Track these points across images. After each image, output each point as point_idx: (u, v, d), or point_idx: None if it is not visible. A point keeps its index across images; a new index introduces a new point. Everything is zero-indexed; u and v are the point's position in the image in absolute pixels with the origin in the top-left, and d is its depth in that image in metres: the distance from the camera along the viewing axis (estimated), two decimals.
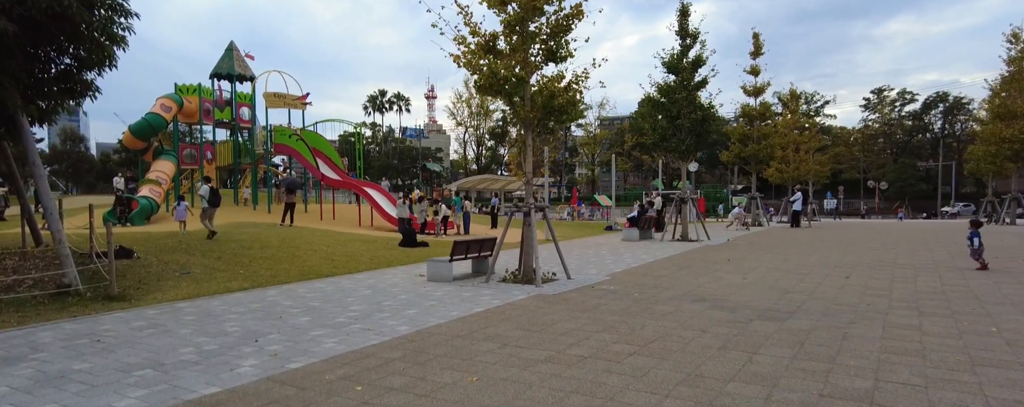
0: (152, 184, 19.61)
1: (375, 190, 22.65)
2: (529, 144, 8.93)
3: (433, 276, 9.53)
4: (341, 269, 11.31)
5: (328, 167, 23.67)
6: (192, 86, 22.32)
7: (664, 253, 13.53)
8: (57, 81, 8.87)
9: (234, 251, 12.62)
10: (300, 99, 25.09)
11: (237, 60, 24.37)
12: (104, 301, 7.84)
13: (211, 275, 10.10)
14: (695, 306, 6.94)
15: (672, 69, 15.37)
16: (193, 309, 7.41)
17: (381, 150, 70.16)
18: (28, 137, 8.07)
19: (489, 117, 67.26)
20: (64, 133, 65.54)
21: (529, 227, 9.04)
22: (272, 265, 11.41)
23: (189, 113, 22.29)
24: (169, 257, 11.49)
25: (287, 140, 23.41)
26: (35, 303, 7.51)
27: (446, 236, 18.86)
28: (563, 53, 8.88)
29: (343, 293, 8.49)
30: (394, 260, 12.73)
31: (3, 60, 7.04)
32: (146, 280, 9.45)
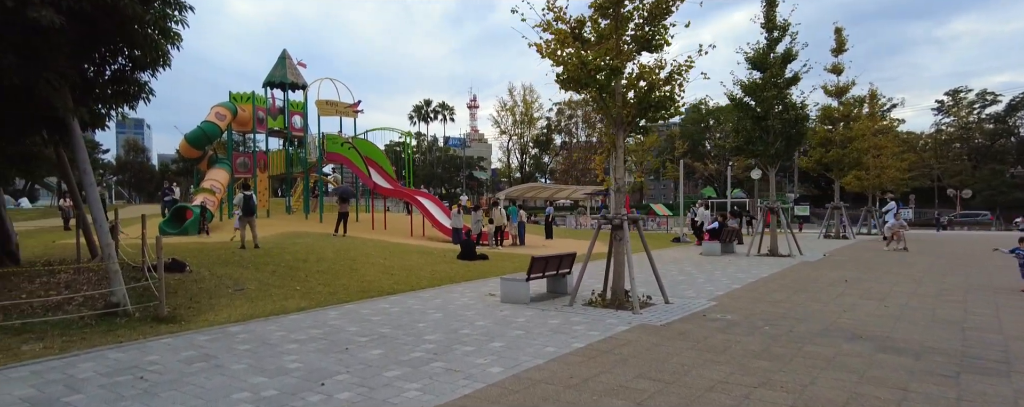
0: (206, 193, 19.38)
1: (427, 199, 21.85)
2: (620, 145, 7.71)
3: (508, 297, 8.40)
4: (402, 285, 10.35)
5: (380, 176, 23.07)
6: (246, 94, 22.18)
7: (760, 271, 11.97)
8: (111, 83, 8.30)
9: (288, 264, 11.90)
10: (351, 107, 24.67)
11: (289, 68, 24.18)
12: (153, 323, 7.08)
13: (266, 292, 9.31)
14: (857, 347, 5.53)
15: (758, 65, 13.84)
16: (247, 335, 6.52)
17: (425, 159, 70.23)
18: (79, 142, 7.44)
19: (533, 125, 66.34)
20: (128, 144, 68.59)
21: (620, 242, 7.80)
22: (329, 280, 10.57)
23: (243, 121, 22.12)
24: (222, 270, 10.84)
25: (339, 148, 22.95)
26: (82, 325, 6.81)
27: (502, 248, 17.78)
28: (659, 40, 7.65)
29: (412, 317, 7.46)
30: (456, 275, 11.71)
31: (51, 56, 6.39)
32: (198, 297, 8.72)
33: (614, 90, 7.50)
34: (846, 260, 13.85)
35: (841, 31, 21.05)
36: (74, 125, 7.35)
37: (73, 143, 7.39)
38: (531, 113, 64.45)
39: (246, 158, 22.75)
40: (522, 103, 63.71)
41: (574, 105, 64.49)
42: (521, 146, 67.02)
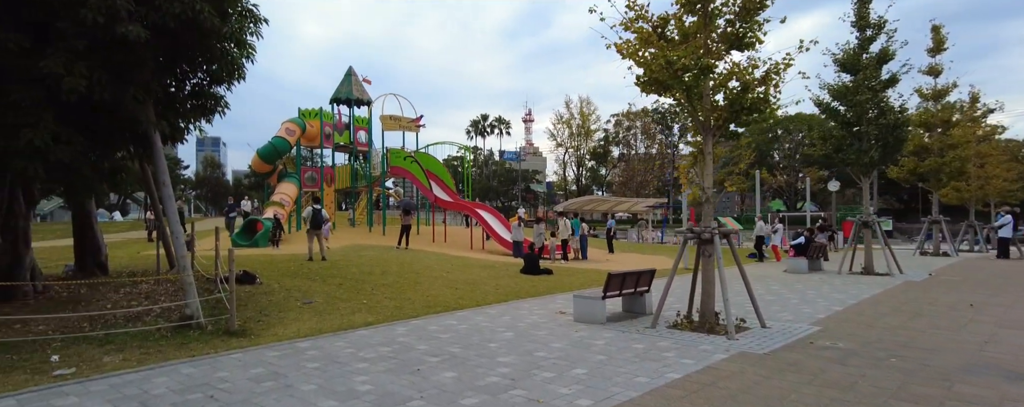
0: (276, 206, 19.96)
1: (488, 212, 21.61)
2: (709, 151, 7.02)
3: (582, 316, 7.82)
4: (468, 300, 9.98)
5: (441, 189, 23.11)
6: (314, 110, 22.87)
7: (860, 291, 10.75)
8: (190, 98, 8.48)
9: (355, 277, 11.83)
10: (414, 121, 24.98)
11: (355, 85, 24.81)
12: (224, 336, 7.00)
13: (333, 305, 9.18)
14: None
15: (848, 67, 12.67)
16: (316, 351, 6.29)
17: (482, 173, 70.71)
18: (160, 156, 7.58)
19: (590, 137, 65.44)
20: (206, 161, 73.22)
21: (710, 259, 7.07)
22: (395, 293, 10.36)
23: (311, 136, 22.80)
24: (291, 282, 10.88)
25: (402, 162, 23.20)
26: (158, 336, 6.81)
27: (566, 262, 17.17)
28: (751, 38, 6.96)
29: (481, 335, 7.03)
30: (521, 290, 11.23)
31: (135, 70, 6.49)
32: (267, 310, 8.68)
33: (702, 92, 6.85)
34: (959, 280, 12.30)
35: (939, 29, 19.19)
36: (156, 139, 7.49)
37: (154, 156, 7.53)
38: (588, 125, 63.66)
39: (313, 172, 23.39)
40: (579, 115, 63.09)
41: (633, 116, 63.19)
42: (577, 158, 66.22)
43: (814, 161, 49.17)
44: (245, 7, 7.54)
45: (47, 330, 6.80)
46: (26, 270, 8.52)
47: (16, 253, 8.34)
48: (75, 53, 5.94)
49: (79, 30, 5.80)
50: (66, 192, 7.92)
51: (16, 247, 8.34)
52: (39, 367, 5.57)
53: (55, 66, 5.73)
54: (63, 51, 5.88)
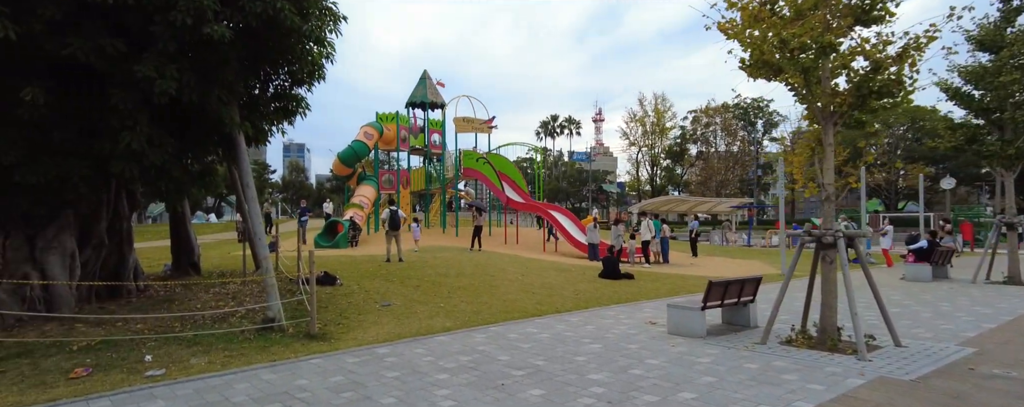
0: (356, 208, 20.44)
1: (561, 213, 21.02)
2: (829, 142, 6.08)
3: (677, 327, 7.07)
4: (546, 306, 9.46)
5: (513, 190, 22.79)
6: (390, 114, 23.30)
7: (1015, 305, 9.13)
8: (273, 100, 8.57)
9: (431, 279, 11.67)
10: (486, 123, 24.87)
11: (429, 88, 25.06)
12: (305, 340, 6.91)
13: (411, 308, 8.98)
14: None
15: (987, 44, 10.91)
16: (395, 359, 6.01)
17: (551, 174, 70.09)
18: (244, 158, 7.66)
19: (665, 135, 62.99)
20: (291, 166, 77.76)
21: (831, 265, 6.12)
22: (471, 297, 10.04)
23: (388, 140, 23.24)
24: (369, 284, 10.86)
25: (475, 164, 23.13)
26: (242, 339, 6.82)
27: (648, 266, 16.24)
28: (881, 10, 5.95)
29: (565, 346, 6.48)
30: (602, 296, 10.56)
31: (220, 71, 6.53)
32: (347, 312, 8.60)
33: (821, 73, 5.93)
34: None
35: None
36: (240, 140, 7.57)
37: (238, 158, 7.62)
38: (663, 123, 61.30)
39: (390, 175, 23.82)
40: (653, 113, 60.88)
41: (712, 112, 60.22)
42: (652, 157, 63.95)
43: (920, 156, 44.46)
44: (324, 6, 7.47)
45: (144, 329, 7.00)
46: (130, 269, 8.95)
47: (121, 253, 8.77)
48: (166, 56, 6.03)
49: (170, 32, 5.87)
50: (159, 194, 8.22)
51: (121, 248, 8.77)
52: (134, 367, 5.65)
53: (148, 69, 5.82)
54: (155, 54, 5.98)
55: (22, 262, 6.99)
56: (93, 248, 7.91)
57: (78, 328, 6.71)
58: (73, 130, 6.37)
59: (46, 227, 7.20)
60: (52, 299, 7.07)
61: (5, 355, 5.77)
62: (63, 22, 5.67)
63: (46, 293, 7.07)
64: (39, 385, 5.09)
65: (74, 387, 5.05)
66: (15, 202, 6.54)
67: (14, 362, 5.61)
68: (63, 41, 5.68)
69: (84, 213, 7.80)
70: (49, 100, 5.78)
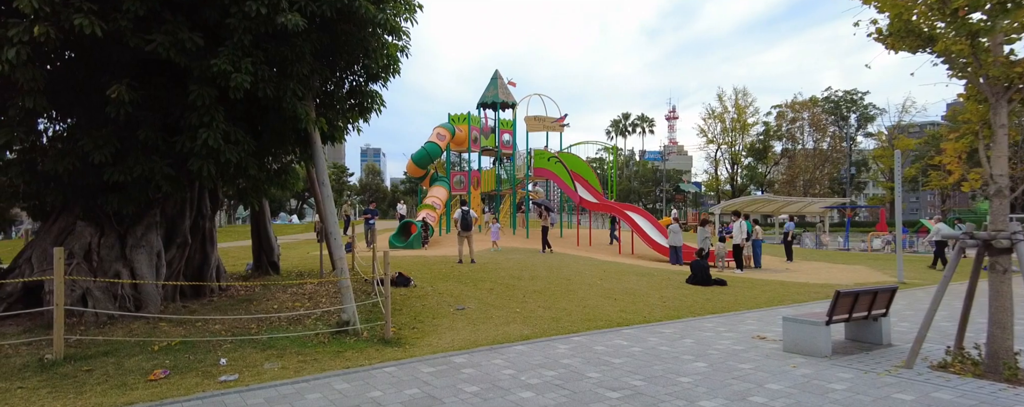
0: (429, 209, 20.43)
1: (638, 214, 19.94)
2: (1002, 123, 4.90)
3: (795, 344, 6.07)
4: (632, 314, 8.66)
5: (586, 190, 21.96)
6: (462, 115, 23.18)
7: None
8: (348, 96, 8.38)
9: (504, 282, 11.17)
10: (558, 121, 24.20)
11: (501, 88, 24.76)
12: (379, 345, 6.56)
13: (486, 313, 8.49)
14: None
15: None
16: (473, 370, 5.49)
17: (623, 173, 68.15)
18: (319, 156, 7.47)
19: (746, 132, 59.38)
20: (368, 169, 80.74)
21: (1003, 275, 4.93)
22: (548, 302, 9.42)
23: (459, 141, 23.14)
24: (443, 286, 10.52)
25: (546, 163, 22.52)
26: (316, 343, 6.57)
27: (740, 272, 14.90)
28: None
29: (664, 363, 5.70)
30: (694, 305, 9.58)
31: (295, 64, 6.32)
32: (421, 315, 8.23)
33: (994, 40, 4.79)
34: None
35: None
36: (315, 137, 7.39)
37: (314, 156, 7.44)
38: (744, 119, 57.83)
39: (461, 176, 23.71)
40: (734, 108, 57.58)
41: (799, 107, 56.17)
42: (732, 156, 60.53)
43: None
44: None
45: (222, 330, 6.94)
46: (212, 269, 9.08)
47: (204, 252, 8.91)
48: (242, 49, 5.88)
49: (245, 24, 5.70)
50: (238, 193, 8.24)
51: (204, 247, 8.91)
52: (209, 370, 5.49)
53: (224, 63, 5.68)
54: (231, 48, 5.85)
55: (114, 260, 7.14)
56: (177, 247, 8.03)
57: (161, 327, 6.73)
58: (156, 128, 6.38)
59: (135, 226, 7.34)
60: (140, 297, 7.17)
61: (94, 353, 5.81)
62: (146, 17, 5.64)
63: (135, 291, 7.19)
64: (120, 387, 5.00)
65: (151, 390, 4.91)
66: (107, 200, 6.67)
67: (100, 360, 5.61)
68: (146, 37, 5.64)
69: (169, 212, 7.93)
70: (133, 97, 5.78)
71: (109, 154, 6.11)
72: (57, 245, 6.98)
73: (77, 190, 6.70)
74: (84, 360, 5.59)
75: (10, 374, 5.23)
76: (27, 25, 5.10)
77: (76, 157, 6.15)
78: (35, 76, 5.36)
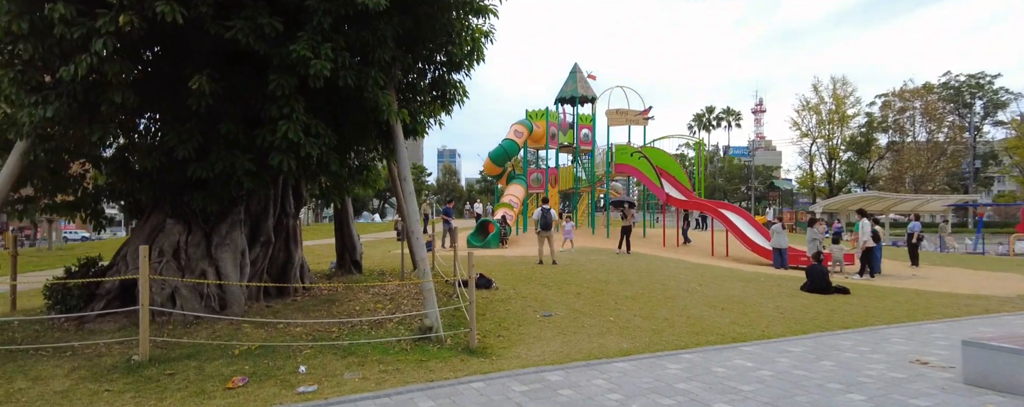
0: (506, 207, 19.93)
1: (734, 213, 18.31)
2: None
3: (983, 376, 4.80)
4: (747, 327, 7.54)
5: (673, 187, 20.54)
6: (540, 111, 22.51)
7: None
8: (431, 88, 7.91)
9: (592, 286, 10.32)
10: (642, 114, 22.91)
11: (580, 82, 23.84)
12: (464, 355, 5.97)
13: (577, 321, 7.70)
14: None
15: None
16: (571, 391, 4.74)
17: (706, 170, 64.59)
18: (401, 150, 7.02)
19: (845, 124, 54.29)
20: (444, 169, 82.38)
21: None
22: (645, 310, 8.47)
23: (537, 138, 22.48)
24: (525, 289, 9.85)
25: (629, 159, 21.33)
26: (398, 350, 6.10)
27: (862, 278, 13.09)
28: None
29: (807, 393, 4.65)
30: (818, 318, 8.27)
31: (376, 50, 5.87)
32: (505, 321, 7.59)
33: None
34: None
35: None
36: (397, 131, 6.94)
37: (396, 150, 7.00)
38: (843, 110, 52.91)
39: (539, 173, 23.04)
40: (831, 99, 52.82)
41: (909, 95, 50.57)
42: (829, 150, 55.58)
43: None
44: None
45: (303, 333, 6.64)
46: (296, 268, 8.95)
47: (288, 251, 8.79)
48: (321, 34, 5.50)
49: (325, 5, 5.30)
50: (320, 190, 8.00)
51: (288, 245, 8.78)
52: (288, 379, 5.13)
53: (303, 48, 5.30)
54: (310, 32, 5.47)
55: (200, 259, 7.07)
56: (261, 245, 7.91)
57: (244, 329, 6.53)
58: (237, 121, 6.17)
59: (220, 223, 7.24)
60: (225, 297, 7.05)
61: (177, 355, 5.64)
62: (225, 3, 5.38)
63: (221, 291, 7.08)
64: (198, 394, 4.72)
65: (229, 399, 4.59)
66: (192, 197, 6.57)
67: (183, 364, 5.41)
68: (225, 23, 5.38)
69: (254, 210, 7.81)
70: (214, 89, 5.55)
71: (192, 149, 5.95)
72: (148, 243, 7.00)
73: (165, 187, 6.67)
74: (168, 363, 5.41)
75: (100, 375, 5.12)
76: (112, 15, 4.96)
77: (163, 153, 6.05)
78: (123, 69, 5.24)
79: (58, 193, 6.97)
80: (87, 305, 6.68)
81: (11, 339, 5.88)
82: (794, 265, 15.25)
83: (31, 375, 5.11)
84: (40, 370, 5.23)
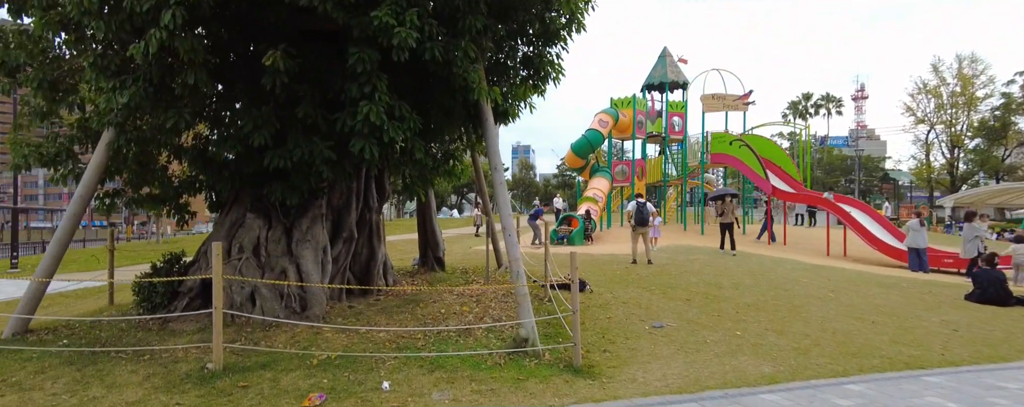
0: (590, 202, 18.79)
1: (855, 207, 16.04)
2: None
3: None
4: (916, 348, 6.04)
5: (780, 179, 18.44)
6: (626, 99, 21.09)
7: None
8: (522, 65, 7.00)
9: (701, 290, 9.03)
10: (741, 99, 20.85)
11: (670, 66, 22.13)
12: (567, 375, 5.02)
13: (695, 334, 6.52)
14: None
15: None
16: None
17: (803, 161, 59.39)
18: (492, 132, 6.16)
19: (974, 107, 47.64)
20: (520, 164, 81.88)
21: None
22: (775, 322, 7.12)
23: (623, 127, 21.09)
24: (623, 292, 8.74)
25: (727, 148, 19.43)
26: (490, 365, 5.25)
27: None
28: None
29: None
30: (1013, 337, 6.53)
31: (465, 16, 5.04)
32: (610, 333, 6.55)
33: None
34: None
35: None
36: (487, 112, 6.09)
37: (486, 133, 6.16)
38: (971, 92, 46.46)
39: (624, 166, 21.65)
40: (956, 79, 46.54)
41: None
42: (951, 138, 49.09)
43: None
44: None
45: (387, 340, 5.97)
46: (379, 265, 8.40)
47: (371, 248, 8.25)
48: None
49: None
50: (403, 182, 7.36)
51: (371, 242, 8.25)
52: (369, 397, 4.42)
53: (385, 14, 4.56)
54: None
55: (281, 256, 6.62)
56: (344, 242, 7.38)
57: (324, 333, 5.96)
58: (315, 104, 5.57)
59: (300, 218, 6.75)
60: (306, 297, 6.55)
61: (252, 364, 5.13)
62: None
63: (301, 291, 6.58)
64: None
65: None
66: (271, 189, 6.08)
67: (257, 375, 4.87)
68: None
69: (335, 204, 7.29)
70: (289, 66, 4.96)
71: (269, 136, 5.42)
72: (228, 239, 6.64)
73: (244, 178, 6.25)
74: (242, 372, 4.89)
75: (173, 384, 4.67)
76: None
77: (239, 141, 5.59)
78: (194, 46, 4.76)
79: (144, 186, 6.78)
80: (170, 303, 6.41)
81: (97, 339, 5.66)
82: (936, 268, 12.98)
83: (107, 381, 4.76)
84: (116, 375, 4.88)
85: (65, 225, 5.77)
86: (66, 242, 5.83)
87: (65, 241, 5.83)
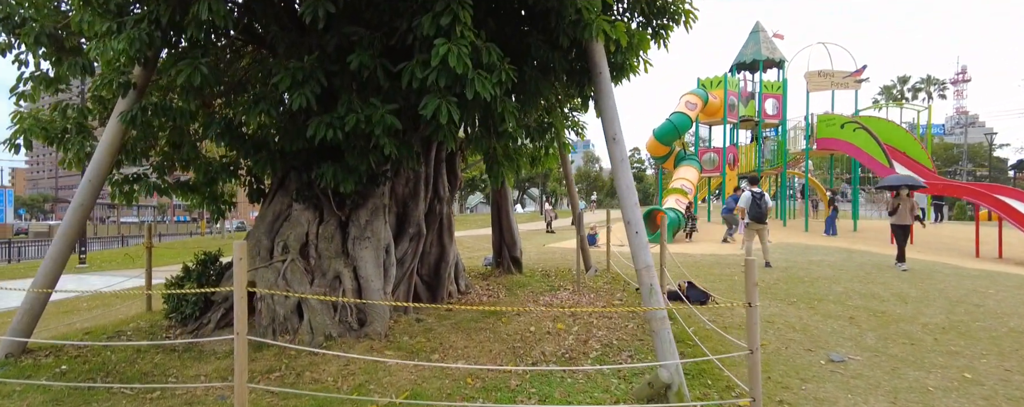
0: (678, 194, 16.67)
1: (1018, 199, 13.08)
2: None
3: None
4: None
5: (906, 168, 15.60)
6: (717, 79, 18.74)
7: None
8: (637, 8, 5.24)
9: (857, 303, 6.98)
10: (853, 75, 18.00)
11: (764, 43, 19.56)
12: None
13: (898, 374, 4.57)
14: None
15: None
16: None
17: None
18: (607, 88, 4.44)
19: None
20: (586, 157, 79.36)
21: None
22: (1003, 354, 5.02)
23: (712, 111, 18.77)
24: (762, 307, 6.81)
25: (839, 132, 16.74)
26: None
27: None
28: None
29: None
30: None
31: None
32: (773, 370, 4.71)
33: None
34: None
35: None
36: (602, 61, 4.38)
37: (600, 91, 4.43)
38: None
39: (713, 153, 19.31)
40: None
41: None
42: None
43: None
44: None
45: (467, 375, 4.40)
46: (450, 266, 6.93)
47: (441, 246, 6.77)
48: None
49: None
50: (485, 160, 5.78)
51: (441, 239, 6.78)
52: None
53: None
54: None
55: (334, 257, 5.23)
56: (411, 240, 5.93)
57: (387, 361, 4.46)
58: (374, 52, 4.06)
59: (358, 210, 5.33)
60: (366, 310, 5.12)
61: (297, 403, 3.69)
62: None
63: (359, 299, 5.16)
64: None
65: None
66: (322, 173, 4.67)
67: None
68: None
69: (400, 193, 5.84)
70: None
71: (312, 96, 3.97)
72: (272, 235, 5.31)
73: (286, 158, 4.88)
74: None
75: None
76: None
77: (272, 104, 4.19)
78: None
79: (174, 169, 5.60)
80: (203, 315, 5.17)
81: (103, 364, 4.44)
82: None
83: None
84: None
85: (70, 218, 4.63)
86: (72, 239, 4.70)
87: (71, 237, 4.69)
